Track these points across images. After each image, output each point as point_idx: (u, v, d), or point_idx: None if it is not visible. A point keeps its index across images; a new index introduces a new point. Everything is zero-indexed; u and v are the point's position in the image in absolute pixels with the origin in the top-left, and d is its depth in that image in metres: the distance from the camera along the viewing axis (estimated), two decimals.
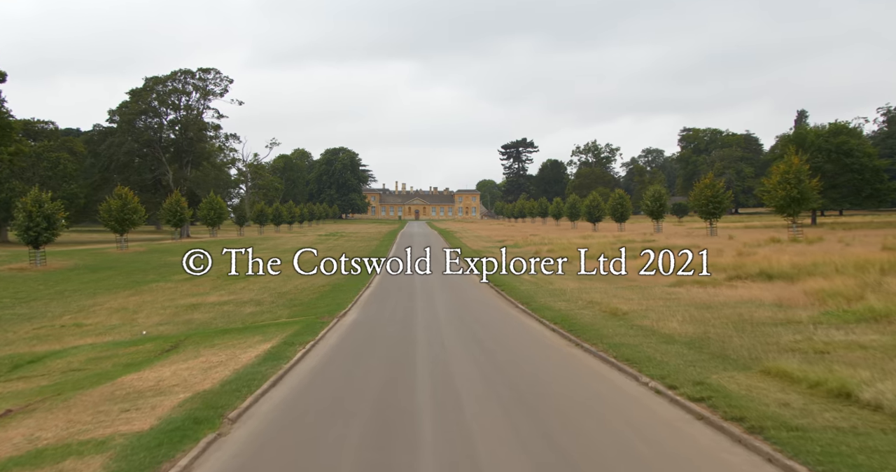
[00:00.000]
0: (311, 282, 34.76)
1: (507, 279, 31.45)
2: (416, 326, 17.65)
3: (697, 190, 59.96)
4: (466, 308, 21.80)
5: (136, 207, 58.48)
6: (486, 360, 13.23)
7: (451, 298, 25.10)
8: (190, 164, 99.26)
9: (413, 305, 22.90)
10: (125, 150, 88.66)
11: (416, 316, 19.64)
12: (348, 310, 21.97)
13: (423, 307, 22.05)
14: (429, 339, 15.65)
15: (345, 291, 28.69)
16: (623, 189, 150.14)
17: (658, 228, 74.14)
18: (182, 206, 73.18)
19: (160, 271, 45.20)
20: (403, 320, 18.88)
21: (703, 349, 12.45)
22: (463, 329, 17.07)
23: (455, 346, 14.70)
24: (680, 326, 14.78)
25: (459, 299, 24.61)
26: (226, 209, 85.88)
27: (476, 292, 27.33)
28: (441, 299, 24.15)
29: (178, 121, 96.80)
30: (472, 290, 28.53)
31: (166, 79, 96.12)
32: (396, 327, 17.53)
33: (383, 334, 16.76)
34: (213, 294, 32.05)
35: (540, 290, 25.64)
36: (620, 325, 15.82)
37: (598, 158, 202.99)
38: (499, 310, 21.49)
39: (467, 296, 26.09)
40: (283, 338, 15.86)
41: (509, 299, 23.83)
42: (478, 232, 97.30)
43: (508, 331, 16.97)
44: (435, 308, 21.56)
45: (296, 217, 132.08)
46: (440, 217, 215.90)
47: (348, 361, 13.56)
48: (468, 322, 18.31)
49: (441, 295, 25.91)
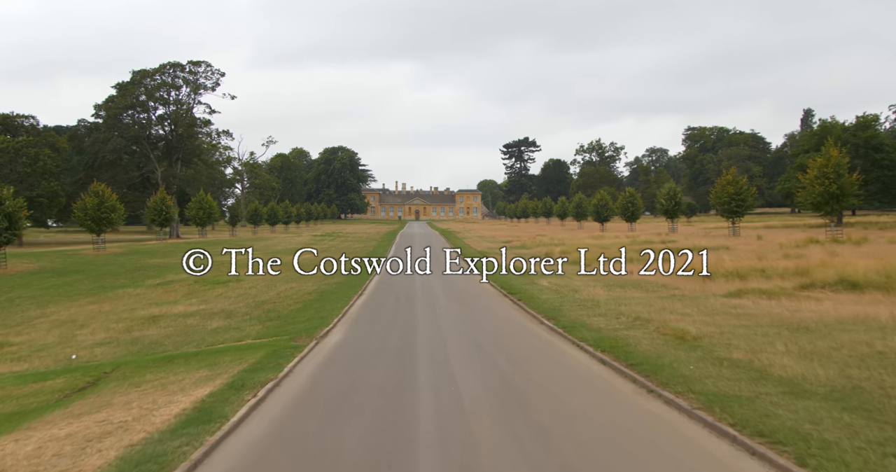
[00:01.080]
0: (298, 288, 30.51)
1: (522, 285, 27.16)
2: (418, 359, 13.19)
3: (719, 187, 55.57)
4: (481, 328, 17.47)
5: (114, 205, 54.18)
6: (526, 429, 8.54)
7: (460, 311, 20.81)
8: (180, 161, 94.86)
9: (413, 322, 18.60)
10: (111, 146, 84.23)
11: (416, 342, 15.28)
12: (332, 328, 17.65)
13: (426, 326, 17.74)
14: (436, 384, 10.92)
15: (332, 299, 24.40)
16: (627, 189, 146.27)
17: (672, 228, 69.84)
18: (168, 204, 68.84)
19: (134, 274, 40.92)
20: (400, 348, 14.38)
21: (875, 414, 7.92)
22: (484, 365, 12.38)
23: (477, 400, 9.99)
24: (796, 363, 10.34)
25: (470, 314, 20.31)
26: (216, 208, 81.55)
27: (489, 303, 23.03)
28: (448, 315, 19.84)
29: (167, 116, 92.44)
30: (484, 299, 24.23)
31: (154, 72, 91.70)
32: (390, 362, 12.88)
33: (370, 379, 11.69)
34: (182, 303, 27.77)
35: (564, 300, 21.35)
36: (700, 358, 11.43)
37: (602, 157, 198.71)
38: (521, 329, 17.19)
39: (479, 308, 21.79)
40: (234, 374, 11.57)
41: (531, 312, 19.53)
42: (480, 232, 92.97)
43: (543, 364, 12.55)
44: (441, 328, 17.22)
45: (292, 217, 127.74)
46: (441, 217, 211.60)
47: (311, 435, 8.66)
48: (488, 352, 13.84)
49: (447, 307, 21.60)
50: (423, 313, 20.35)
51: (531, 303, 21.13)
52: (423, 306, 22.05)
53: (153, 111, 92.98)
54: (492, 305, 22.50)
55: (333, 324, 18.19)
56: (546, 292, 24.00)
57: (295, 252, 55.95)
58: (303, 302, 24.52)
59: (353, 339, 16.03)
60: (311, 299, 25.49)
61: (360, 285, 29.65)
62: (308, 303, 24.00)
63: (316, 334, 16.28)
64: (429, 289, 28.13)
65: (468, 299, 24.44)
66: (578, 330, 15.39)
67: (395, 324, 18.18)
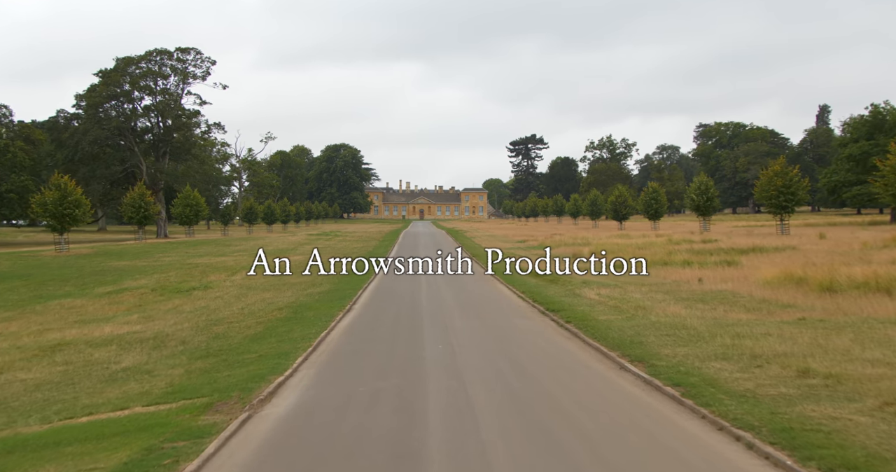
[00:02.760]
0: (272, 299, 23.99)
1: (562, 298, 20.58)
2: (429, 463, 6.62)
3: (765, 179, 48.71)
4: (528, 377, 10.84)
5: (78, 200, 47.71)
6: None
7: (485, 340, 14.24)
8: (168, 155, 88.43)
9: (417, 363, 12.00)
10: (90, 138, 77.72)
11: (426, 413, 8.65)
12: (286, 378, 11.00)
13: (439, 372, 11.14)
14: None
15: (307, 320, 17.84)
16: (637, 186, 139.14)
17: (704, 226, 63.00)
18: (147, 200, 62.33)
19: (86, 280, 34.40)
20: (395, 435, 7.71)
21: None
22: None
23: None
24: None
25: (501, 344, 13.74)
26: (204, 206, 75.02)
27: (523, 324, 16.41)
28: (469, 349, 13.24)
29: (153, 107, 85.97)
30: (515, 319, 17.62)
31: (140, 59, 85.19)
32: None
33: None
34: (116, 321, 21.23)
35: (637, 324, 14.75)
36: None
37: (613, 153, 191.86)
38: (597, 382, 10.53)
39: (512, 334, 15.20)
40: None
41: (597, 346, 12.88)
42: (490, 231, 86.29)
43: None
44: (462, 378, 10.59)
45: (291, 216, 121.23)
46: (446, 217, 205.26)
47: None
48: (558, 442, 7.29)
49: (466, 334, 15.03)
50: (432, 345, 13.76)
51: (590, 329, 14.50)
52: (431, 331, 15.47)
53: (139, 101, 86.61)
54: (530, 328, 15.88)
55: (292, 369, 11.56)
56: (602, 310, 17.38)
57: (282, 253, 49.44)
58: (266, 323, 17.94)
59: (315, 404, 9.42)
60: (281, 317, 18.90)
61: (350, 297, 23.12)
62: (273, 325, 17.42)
63: (256, 395, 9.66)
64: (438, 301, 21.56)
65: (494, 317, 17.82)
66: (708, 394, 8.75)
67: (389, 369, 11.56)
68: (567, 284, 24.81)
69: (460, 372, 10.95)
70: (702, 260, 29.12)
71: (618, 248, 38.80)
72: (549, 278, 27.34)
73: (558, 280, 26.36)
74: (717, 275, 23.90)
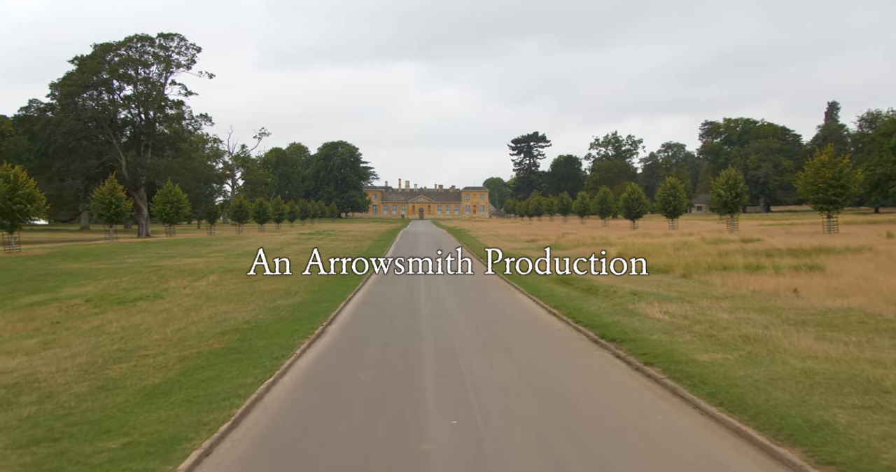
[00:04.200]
0: (227, 315, 18.28)
1: (618, 320, 14.86)
2: None
3: (810, 171, 42.87)
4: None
5: (31, 194, 41.94)
6: None
7: (530, 407, 8.51)
8: (150, 149, 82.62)
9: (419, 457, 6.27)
10: (64, 130, 71.88)
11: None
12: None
13: None
14: None
15: (256, 352, 12.10)
16: (643, 185, 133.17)
17: (733, 225, 57.27)
18: (118, 196, 56.51)
19: (17, 287, 28.62)
20: None
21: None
22: None
23: None
24: None
25: (562, 419, 7.98)
26: (186, 203, 69.19)
27: (578, 368, 10.69)
28: (505, 430, 7.48)
29: (133, 97, 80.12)
30: (563, 355, 11.88)
31: (119, 46, 79.37)
32: None
33: None
34: (0, 347, 15.46)
35: (768, 372, 9.02)
36: None
37: (618, 151, 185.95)
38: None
39: (574, 402, 9.42)
40: None
41: (740, 428, 7.12)
42: (495, 230, 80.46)
43: None
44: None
45: (285, 215, 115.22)
46: (446, 216, 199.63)
47: None
48: None
49: (493, 387, 9.30)
50: (440, 419, 8.01)
51: (697, 382, 8.73)
52: (437, 381, 9.76)
53: (119, 91, 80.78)
54: (589, 373, 10.11)
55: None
56: (690, 341, 11.63)
57: (265, 254, 43.68)
58: (192, 359, 12.17)
59: None
60: (218, 349, 13.13)
61: (326, 313, 17.40)
62: (197, 366, 11.64)
63: None
64: (443, 322, 15.80)
65: (527, 351, 12.06)
66: None
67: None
68: (611, 294, 19.05)
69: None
70: (771, 264, 23.35)
71: (651, 248, 33.02)
72: (583, 286, 21.58)
73: (594, 289, 20.62)
74: (810, 284, 18.14)
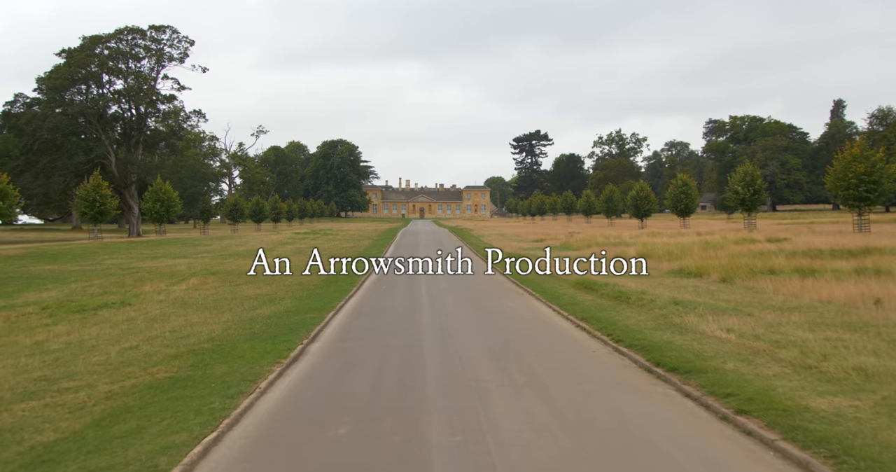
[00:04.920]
0: (192, 330, 15.42)
1: (655, 331, 11.95)
2: None
3: (840, 166, 39.90)
4: None
5: (3, 191, 38.99)
6: None
7: None
8: (141, 145, 79.73)
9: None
10: (50, 125, 68.92)
11: None
12: None
13: None
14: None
15: (193, 397, 9.17)
16: (647, 184, 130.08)
17: (751, 224, 54.31)
18: (103, 193, 53.57)
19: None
20: None
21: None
22: None
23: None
24: None
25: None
26: (177, 201, 66.19)
27: (640, 412, 7.76)
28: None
29: (124, 91, 77.15)
30: (614, 395, 8.91)
31: (109, 38, 76.44)
32: None
33: None
34: None
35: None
36: None
37: (622, 149, 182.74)
38: None
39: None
40: None
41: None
42: (499, 230, 77.49)
43: None
44: None
45: (283, 214, 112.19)
46: (447, 216, 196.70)
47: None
48: None
49: (530, 449, 6.30)
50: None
51: (842, 457, 5.76)
52: (448, 443, 6.82)
53: (109, 86, 77.86)
54: (662, 429, 7.18)
55: None
56: (776, 371, 8.71)
57: (251, 254, 40.75)
58: (122, 396, 9.25)
59: None
60: (161, 380, 10.20)
61: (310, 328, 14.48)
62: (123, 408, 8.70)
63: None
64: (451, 337, 12.84)
65: (571, 395, 9.12)
66: None
67: None
68: (647, 304, 16.09)
69: None
70: (824, 267, 20.38)
71: (677, 249, 30.06)
72: (610, 293, 18.64)
73: (625, 297, 17.68)
74: (891, 293, 15.17)
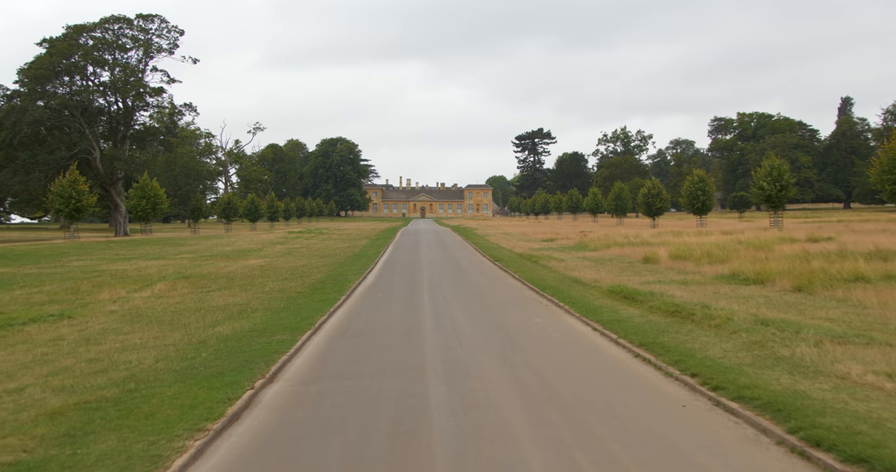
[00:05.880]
0: (118, 360, 11.63)
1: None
2: None
3: (888, 158, 36.04)
4: None
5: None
6: None
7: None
8: (129, 141, 75.95)
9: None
10: (30, 118, 65.11)
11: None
12: None
13: None
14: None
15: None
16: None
17: (777, 222, 50.51)
18: (80, 189, 49.76)
19: None
20: None
21: None
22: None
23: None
24: None
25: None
26: (164, 199, 62.40)
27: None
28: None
29: (109, 83, 73.35)
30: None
31: (94, 27, 72.67)
32: None
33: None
34: None
35: None
36: None
37: (627, 147, 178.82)
38: None
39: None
40: None
41: None
42: (503, 229, 73.61)
43: None
44: None
45: (279, 213, 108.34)
46: (448, 215, 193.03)
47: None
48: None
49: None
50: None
51: None
52: None
53: (95, 78, 74.06)
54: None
55: None
56: None
57: (235, 256, 36.97)
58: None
59: None
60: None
61: (274, 356, 10.69)
62: None
63: None
64: (466, 374, 8.99)
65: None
66: None
67: None
68: (721, 323, 12.23)
69: None
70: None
71: (717, 250, 26.18)
72: (661, 306, 14.78)
73: (683, 311, 13.83)
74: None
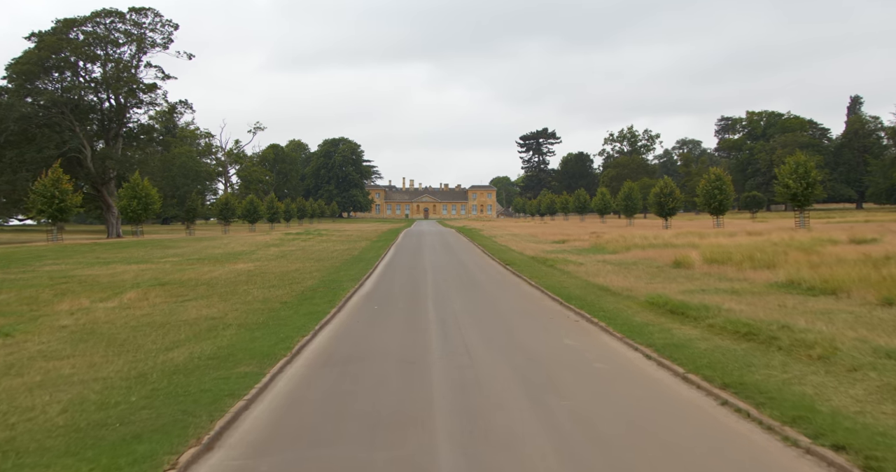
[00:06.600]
0: (21, 405, 8.51)
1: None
2: None
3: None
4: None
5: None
6: None
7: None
8: (121, 139, 73.26)
9: None
10: (17, 115, 62.47)
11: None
12: None
13: None
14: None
15: None
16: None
17: (803, 222, 47.49)
18: (63, 188, 46.98)
19: None
20: None
21: None
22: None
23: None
24: None
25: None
26: (157, 199, 59.66)
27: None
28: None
29: (101, 80, 70.66)
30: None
31: (85, 21, 70.00)
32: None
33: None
34: None
35: None
36: None
37: (633, 146, 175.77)
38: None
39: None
40: None
41: None
42: (510, 230, 70.60)
43: None
44: None
45: (279, 214, 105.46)
46: (452, 216, 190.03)
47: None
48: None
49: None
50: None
51: None
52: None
53: (86, 74, 71.42)
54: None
55: None
56: None
57: (224, 259, 34.12)
58: None
59: None
60: None
61: (227, 399, 7.68)
62: None
63: None
64: (485, 440, 6.00)
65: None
66: None
67: None
68: (823, 352, 9.29)
69: None
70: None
71: (759, 253, 23.20)
72: (726, 325, 11.84)
73: (761, 334, 10.90)
74: None
